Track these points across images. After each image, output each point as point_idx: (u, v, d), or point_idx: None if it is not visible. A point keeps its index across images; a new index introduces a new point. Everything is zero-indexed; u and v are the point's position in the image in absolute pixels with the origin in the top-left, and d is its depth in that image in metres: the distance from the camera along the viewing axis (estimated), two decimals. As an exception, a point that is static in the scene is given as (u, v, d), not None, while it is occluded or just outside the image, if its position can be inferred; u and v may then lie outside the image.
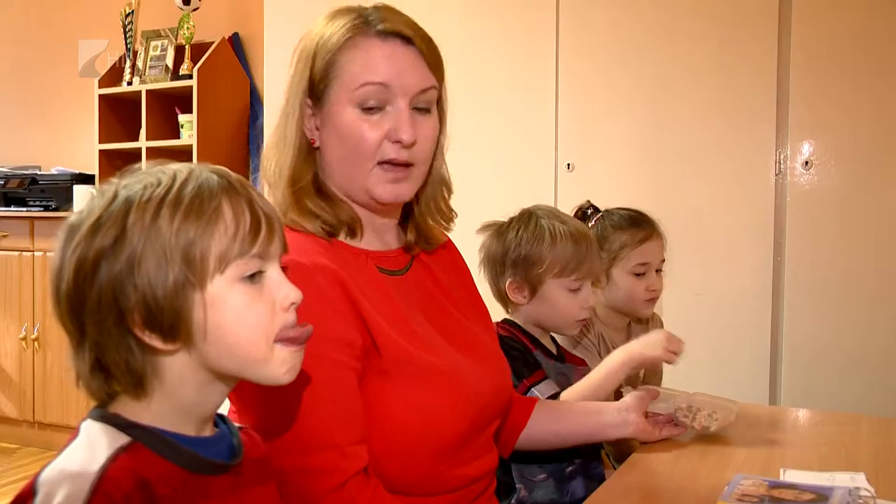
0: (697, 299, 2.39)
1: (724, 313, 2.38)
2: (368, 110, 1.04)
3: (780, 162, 2.33)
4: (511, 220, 1.51)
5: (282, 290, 0.75)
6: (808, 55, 2.29)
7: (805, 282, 2.31)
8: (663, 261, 1.72)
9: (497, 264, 1.50)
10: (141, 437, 0.70)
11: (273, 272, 0.75)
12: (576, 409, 1.34)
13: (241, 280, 0.72)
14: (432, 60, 1.07)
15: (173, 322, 0.70)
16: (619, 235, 1.67)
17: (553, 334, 1.56)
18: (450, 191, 1.20)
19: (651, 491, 1.13)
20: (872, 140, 2.23)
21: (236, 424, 0.83)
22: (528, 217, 1.49)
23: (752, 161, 2.36)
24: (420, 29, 1.08)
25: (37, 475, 0.67)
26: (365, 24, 1.05)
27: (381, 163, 1.06)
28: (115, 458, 0.67)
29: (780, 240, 2.33)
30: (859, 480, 1.09)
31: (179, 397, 0.74)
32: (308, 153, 1.09)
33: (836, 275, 2.27)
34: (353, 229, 1.10)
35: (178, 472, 0.71)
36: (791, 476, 1.12)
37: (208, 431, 0.78)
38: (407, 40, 1.05)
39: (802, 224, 2.31)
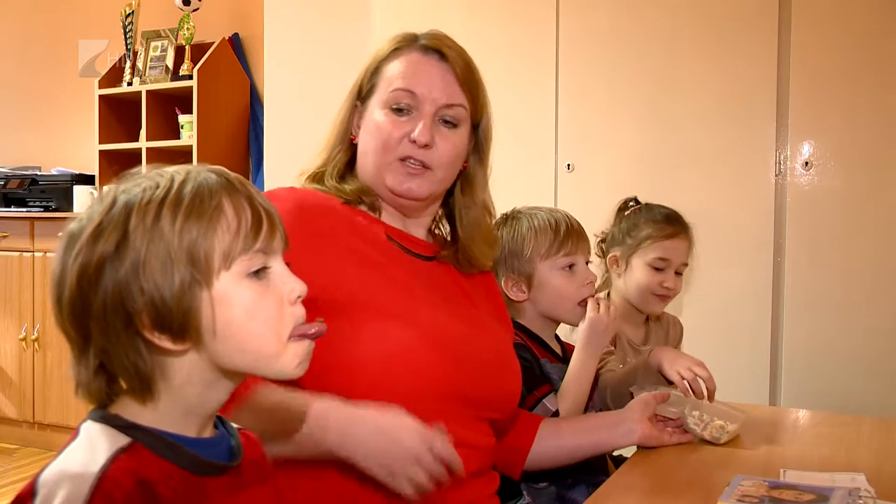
0: (697, 299, 2.39)
1: (724, 313, 2.38)
2: (398, 111, 1.17)
3: (780, 162, 2.33)
4: None
5: (287, 284, 0.75)
6: (808, 56, 2.29)
7: (805, 282, 2.31)
8: (686, 264, 1.73)
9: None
10: (141, 438, 0.70)
11: (277, 266, 0.75)
12: (578, 422, 1.35)
13: (247, 276, 0.73)
14: (466, 81, 1.19)
15: (182, 322, 0.70)
16: (647, 226, 1.71)
17: (557, 334, 1.56)
18: (491, 215, 1.30)
19: (651, 491, 1.12)
20: (872, 140, 2.23)
21: (235, 426, 0.83)
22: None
23: (752, 161, 2.36)
24: (464, 53, 1.21)
25: (37, 476, 0.67)
26: (413, 40, 1.21)
27: (400, 159, 1.16)
28: (115, 459, 0.67)
29: (780, 240, 2.33)
30: (859, 481, 1.09)
31: (185, 397, 0.74)
32: (348, 147, 1.23)
33: (836, 275, 2.27)
34: (374, 205, 1.20)
35: (179, 473, 0.71)
36: (791, 476, 1.12)
37: (209, 432, 0.78)
38: (444, 57, 1.18)
39: (802, 224, 2.31)
